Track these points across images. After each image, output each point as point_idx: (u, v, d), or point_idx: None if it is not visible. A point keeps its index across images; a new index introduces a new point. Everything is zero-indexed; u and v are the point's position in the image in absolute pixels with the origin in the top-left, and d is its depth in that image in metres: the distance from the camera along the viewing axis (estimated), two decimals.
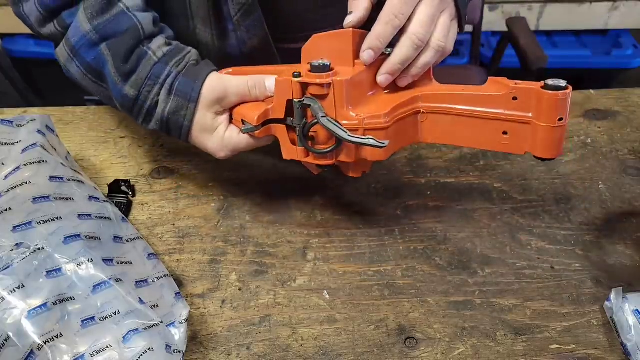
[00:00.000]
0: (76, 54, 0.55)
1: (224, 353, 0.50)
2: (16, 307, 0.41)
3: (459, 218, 0.62)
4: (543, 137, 0.47)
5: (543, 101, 0.46)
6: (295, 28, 0.73)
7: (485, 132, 0.49)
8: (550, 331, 0.51)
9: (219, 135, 0.54)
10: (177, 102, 0.54)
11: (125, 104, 0.55)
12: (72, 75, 0.58)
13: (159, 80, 0.54)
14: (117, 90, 0.55)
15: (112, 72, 0.54)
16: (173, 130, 0.55)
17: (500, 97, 0.48)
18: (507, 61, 1.44)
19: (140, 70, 0.54)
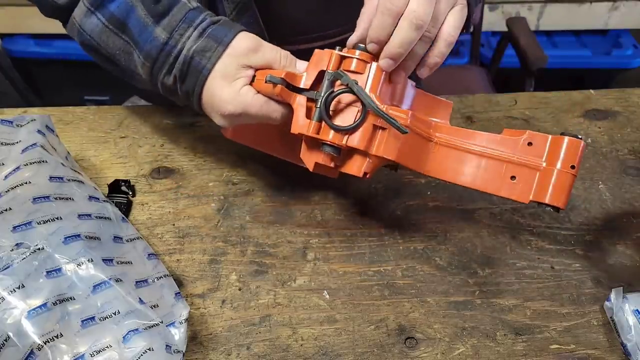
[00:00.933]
0: (99, 5, 0.54)
1: (224, 353, 0.50)
2: (16, 307, 0.41)
3: (459, 218, 0.61)
4: (553, 183, 0.47)
5: (561, 145, 0.47)
6: (291, 30, 0.74)
7: (493, 174, 0.50)
8: (550, 331, 0.51)
9: (236, 87, 0.52)
10: (207, 42, 0.52)
11: (151, 51, 0.53)
12: (88, 34, 0.56)
13: (193, 23, 0.53)
14: (145, 36, 0.53)
15: (142, 15, 0.53)
16: (190, 75, 0.53)
17: (515, 141, 0.49)
18: (507, 61, 1.43)
19: (174, 13, 0.53)
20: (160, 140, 0.70)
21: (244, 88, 0.52)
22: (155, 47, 0.53)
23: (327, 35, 0.75)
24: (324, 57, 0.50)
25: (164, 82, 0.54)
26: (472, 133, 0.51)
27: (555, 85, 0.87)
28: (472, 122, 0.74)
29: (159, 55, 0.53)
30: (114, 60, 0.57)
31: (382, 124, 0.48)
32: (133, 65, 0.56)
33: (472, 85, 1.36)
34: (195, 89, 0.53)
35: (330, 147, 0.49)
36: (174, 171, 0.66)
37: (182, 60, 0.52)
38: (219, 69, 0.52)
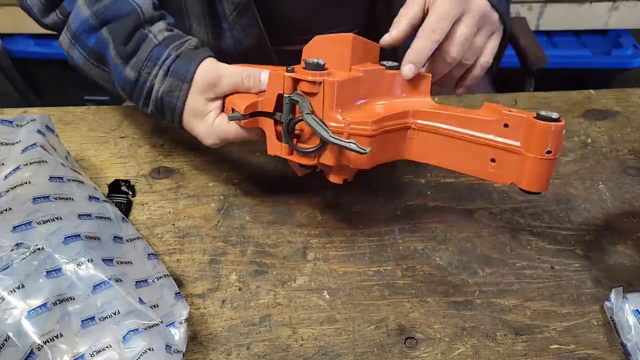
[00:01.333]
0: (77, 39, 0.56)
1: (224, 353, 0.50)
2: (16, 307, 0.41)
3: (459, 218, 0.61)
4: (530, 169, 0.46)
5: (534, 131, 0.46)
6: (291, 30, 0.74)
7: (473, 157, 0.49)
8: (550, 331, 0.51)
9: (209, 122, 0.54)
10: (171, 82, 0.54)
11: (126, 87, 0.56)
12: (75, 62, 0.59)
13: (158, 61, 0.55)
14: (117, 73, 0.56)
15: (113, 54, 0.55)
16: (167, 112, 0.56)
17: (491, 122, 0.48)
18: (507, 61, 1.42)
19: (140, 53, 0.55)
20: (160, 140, 0.70)
21: (216, 120, 0.54)
22: (128, 84, 0.56)
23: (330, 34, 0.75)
24: (278, 81, 0.50)
25: (145, 109, 0.58)
26: (450, 116, 0.50)
27: (555, 85, 0.87)
28: None
29: (133, 91, 0.56)
30: (99, 84, 0.60)
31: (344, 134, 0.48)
32: (116, 91, 0.59)
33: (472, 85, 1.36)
34: (175, 121, 0.56)
35: (304, 166, 0.51)
36: (174, 171, 0.66)
37: (154, 99, 0.56)
38: (188, 107, 0.55)
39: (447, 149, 0.50)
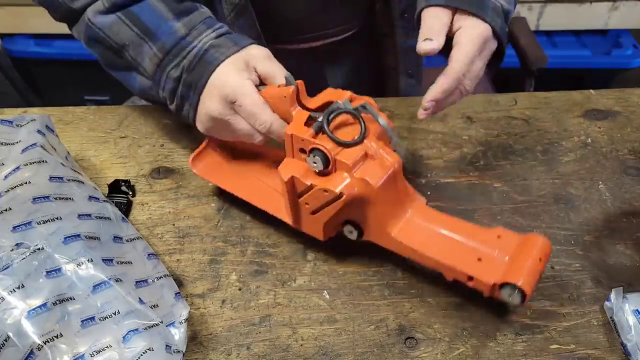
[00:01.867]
0: (119, 6, 0.56)
1: (224, 353, 0.50)
2: (16, 307, 0.41)
3: (459, 218, 0.61)
4: (518, 269, 0.46)
5: (527, 244, 0.47)
6: (288, 30, 0.74)
7: (460, 254, 0.49)
8: (550, 331, 0.51)
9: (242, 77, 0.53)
10: (224, 41, 0.54)
11: (166, 44, 0.55)
12: (96, 27, 0.58)
13: (212, 26, 0.55)
14: (163, 29, 0.55)
15: (162, 9, 0.55)
16: (201, 64, 0.53)
17: (486, 232, 0.49)
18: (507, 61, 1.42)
19: (194, 15, 0.56)
20: (161, 140, 0.70)
21: (247, 80, 0.53)
22: (172, 39, 0.55)
23: (320, 36, 0.76)
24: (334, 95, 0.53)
25: (170, 75, 0.55)
26: (446, 220, 0.51)
27: (555, 85, 0.87)
28: (472, 122, 0.74)
29: (173, 48, 0.55)
30: (120, 52, 0.58)
31: (372, 154, 0.49)
32: (140, 57, 0.57)
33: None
34: (201, 79, 0.54)
35: (319, 156, 0.48)
36: (174, 171, 0.66)
37: (196, 52, 0.54)
38: (229, 62, 0.53)
39: (434, 242, 0.50)
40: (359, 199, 0.49)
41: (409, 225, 0.52)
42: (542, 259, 0.45)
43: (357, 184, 0.49)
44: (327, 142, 0.49)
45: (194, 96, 0.55)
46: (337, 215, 0.51)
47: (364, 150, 0.49)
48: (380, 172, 0.49)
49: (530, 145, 0.70)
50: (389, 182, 0.49)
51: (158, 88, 0.57)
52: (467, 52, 0.53)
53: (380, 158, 0.49)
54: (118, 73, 0.62)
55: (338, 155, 0.49)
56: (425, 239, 0.50)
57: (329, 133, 0.49)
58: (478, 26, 0.54)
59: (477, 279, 0.46)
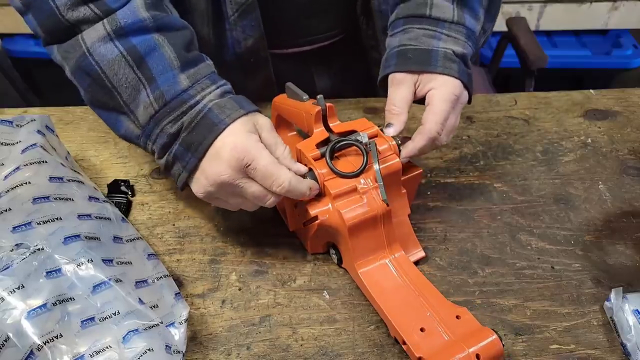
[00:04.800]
0: (122, 34, 0.51)
1: (224, 353, 0.50)
2: (16, 307, 0.41)
3: (459, 218, 0.62)
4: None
5: (478, 338, 0.45)
6: (289, 33, 0.74)
7: (411, 315, 0.48)
8: (550, 331, 0.51)
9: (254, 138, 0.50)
10: (228, 102, 0.51)
11: (165, 94, 0.50)
12: (93, 59, 0.51)
13: (216, 82, 0.52)
14: (166, 77, 0.50)
15: (171, 56, 0.51)
16: (204, 125, 0.49)
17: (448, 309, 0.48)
18: (507, 61, 1.43)
19: (200, 68, 0.52)
20: None
21: (260, 143, 0.50)
22: (174, 91, 0.50)
23: (309, 41, 0.76)
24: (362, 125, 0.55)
25: (165, 130, 0.51)
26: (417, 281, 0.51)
27: (555, 85, 0.87)
28: (472, 122, 0.74)
29: (172, 100, 0.50)
30: (113, 93, 0.52)
31: (362, 192, 0.51)
32: (134, 104, 0.52)
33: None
34: (204, 140, 0.49)
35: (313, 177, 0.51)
36: None
37: (198, 110, 0.50)
38: (239, 123, 0.50)
39: (395, 295, 0.50)
40: (334, 228, 0.52)
41: (380, 270, 0.52)
42: (480, 357, 0.44)
43: (332, 214, 0.51)
44: (324, 167, 0.52)
45: (192, 159, 0.50)
46: (318, 234, 0.54)
47: (355, 185, 0.51)
48: (360, 211, 0.50)
49: (530, 145, 0.70)
50: (366, 223, 0.51)
51: (147, 140, 0.52)
52: (440, 112, 0.55)
53: (369, 199, 0.51)
54: (102, 112, 0.55)
55: (327, 182, 0.51)
56: (385, 289, 0.51)
57: (327, 159, 0.51)
58: (447, 83, 0.57)
59: (409, 346, 0.46)
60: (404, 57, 0.58)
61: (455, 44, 0.59)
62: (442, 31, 0.59)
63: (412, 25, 0.59)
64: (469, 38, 0.60)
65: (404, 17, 0.61)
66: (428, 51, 0.57)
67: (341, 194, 0.51)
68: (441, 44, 0.58)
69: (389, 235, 0.52)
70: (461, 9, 0.60)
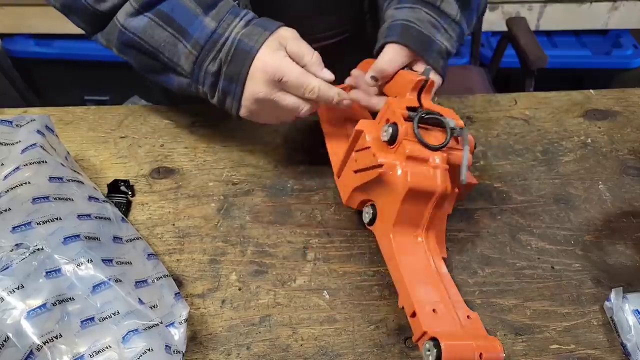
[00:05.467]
0: (148, 6, 0.56)
1: (224, 353, 0.50)
2: (15, 307, 0.41)
3: (459, 218, 0.61)
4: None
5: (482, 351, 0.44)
6: None
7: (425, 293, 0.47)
8: (550, 331, 0.51)
9: (280, 55, 0.55)
10: (253, 29, 0.56)
11: (199, 40, 0.56)
12: (130, 32, 0.57)
13: (239, 14, 0.57)
14: (194, 26, 0.56)
15: (192, 5, 0.56)
16: (237, 55, 0.55)
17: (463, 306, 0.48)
18: (507, 61, 1.44)
19: (220, 6, 0.57)
20: (161, 140, 0.70)
21: (286, 57, 0.55)
22: (205, 35, 0.55)
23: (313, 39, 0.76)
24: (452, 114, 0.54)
25: (208, 70, 0.57)
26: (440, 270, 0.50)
27: (555, 85, 0.87)
28: (472, 122, 0.74)
29: (206, 43, 0.56)
30: (156, 54, 0.58)
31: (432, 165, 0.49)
32: (177, 57, 0.57)
33: (472, 85, 1.36)
34: (242, 69, 0.55)
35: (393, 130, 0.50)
36: (174, 171, 0.66)
37: (230, 44, 0.55)
38: (265, 46, 0.55)
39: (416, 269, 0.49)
40: (390, 184, 0.50)
41: (412, 244, 0.51)
42: (483, 356, 0.42)
43: (397, 170, 0.49)
44: (408, 129, 0.50)
45: (238, 87, 0.56)
46: (366, 186, 0.53)
47: (429, 157, 0.49)
48: (423, 181, 0.49)
49: (530, 145, 0.70)
50: (422, 195, 0.49)
51: (197, 85, 0.58)
52: None
53: (435, 174, 0.49)
54: (154, 75, 0.62)
55: (405, 141, 0.50)
56: (410, 262, 0.50)
57: (415, 123, 0.50)
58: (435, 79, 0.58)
59: (418, 318, 0.45)
60: (409, 32, 0.58)
61: (448, 40, 0.60)
62: (443, 24, 0.60)
63: (422, 7, 0.60)
64: (458, 39, 0.62)
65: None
66: (430, 38, 0.59)
67: (414, 157, 0.49)
68: (439, 36, 0.59)
69: (432, 220, 0.51)
70: (462, 12, 0.61)
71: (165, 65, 0.58)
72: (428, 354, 0.42)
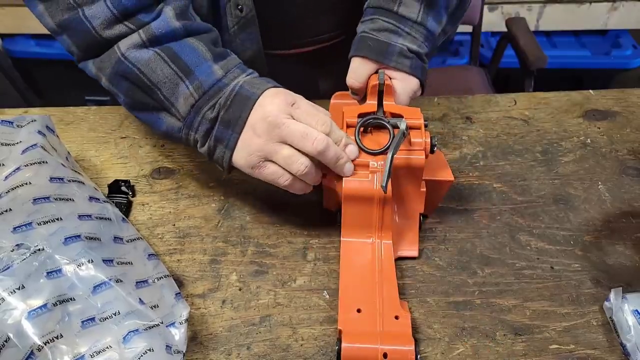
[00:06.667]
0: (158, 42, 0.55)
1: (224, 353, 0.50)
2: (16, 307, 0.41)
3: (459, 218, 0.62)
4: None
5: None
6: (282, 37, 0.75)
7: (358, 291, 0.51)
8: (550, 331, 0.51)
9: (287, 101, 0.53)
10: (258, 80, 0.55)
11: (204, 84, 0.54)
12: (129, 62, 0.55)
13: (246, 71, 0.57)
14: (202, 68, 0.54)
15: (203, 50, 0.55)
16: (238, 101, 0.53)
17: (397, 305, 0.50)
18: (506, 61, 1.44)
19: (229, 59, 0.57)
20: (161, 140, 0.70)
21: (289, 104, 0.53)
22: (211, 80, 0.54)
23: (311, 41, 0.77)
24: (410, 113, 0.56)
25: (206, 116, 0.54)
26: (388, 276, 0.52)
27: (555, 86, 0.87)
28: (472, 122, 0.74)
29: (210, 88, 0.54)
30: (153, 90, 0.55)
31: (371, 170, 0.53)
32: (175, 97, 0.54)
33: (471, 85, 1.36)
34: (242, 113, 0.53)
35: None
36: (175, 171, 0.66)
37: (231, 88, 0.54)
38: (268, 92, 0.53)
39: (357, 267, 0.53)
40: (335, 192, 0.55)
41: (359, 246, 0.55)
42: (388, 356, 0.45)
43: (337, 179, 0.54)
44: (351, 134, 0.55)
45: (233, 134, 0.53)
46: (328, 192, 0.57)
47: (368, 162, 0.53)
48: (360, 185, 0.53)
49: (529, 145, 0.71)
50: (362, 199, 0.53)
51: (189, 130, 0.55)
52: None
53: (372, 180, 0.52)
54: (142, 113, 0.58)
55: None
56: (353, 263, 0.53)
57: (356, 129, 0.55)
58: (405, 79, 0.60)
59: (339, 315, 0.49)
60: (364, 44, 0.60)
61: (412, 42, 0.61)
62: (404, 28, 0.60)
63: (380, 16, 0.61)
64: (426, 39, 0.62)
65: (374, 7, 0.62)
66: (386, 44, 0.59)
67: (355, 163, 0.53)
68: (400, 40, 0.60)
69: (384, 221, 0.54)
70: (426, 12, 0.61)
71: (160, 104, 0.55)
72: (336, 350, 0.47)
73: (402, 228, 0.57)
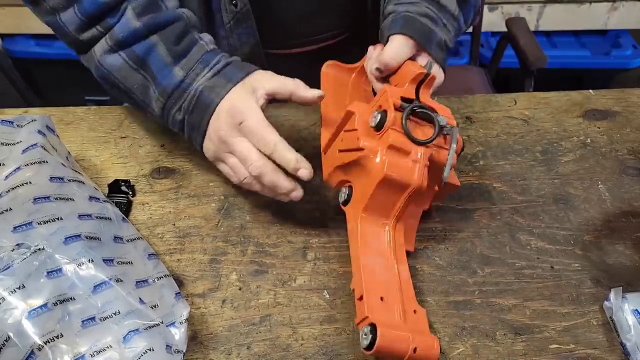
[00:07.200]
0: (122, 45, 0.57)
1: (224, 353, 0.50)
2: (16, 307, 0.41)
3: (459, 218, 0.62)
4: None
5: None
6: (282, 35, 0.74)
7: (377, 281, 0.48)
8: (550, 331, 0.51)
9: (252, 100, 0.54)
10: (217, 81, 0.55)
11: (166, 89, 0.56)
12: (105, 69, 0.58)
13: (209, 64, 0.56)
14: (164, 74, 0.56)
15: (163, 54, 0.56)
16: (199, 108, 0.55)
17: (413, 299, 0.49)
18: (506, 61, 1.44)
19: (192, 54, 0.57)
20: (161, 140, 0.70)
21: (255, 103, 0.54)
22: (172, 84, 0.56)
23: (313, 40, 0.77)
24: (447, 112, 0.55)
25: (175, 118, 0.58)
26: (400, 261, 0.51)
27: (555, 86, 0.87)
28: (472, 122, 0.74)
29: (173, 92, 0.56)
30: (130, 93, 0.59)
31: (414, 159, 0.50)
32: (148, 99, 0.58)
33: (471, 85, 1.37)
34: (202, 121, 0.56)
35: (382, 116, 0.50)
36: (175, 171, 0.66)
37: (192, 94, 0.56)
38: (228, 97, 0.55)
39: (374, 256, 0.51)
40: (367, 169, 0.50)
41: (378, 231, 0.52)
42: (417, 350, 0.44)
43: (377, 157, 0.50)
44: (397, 119, 0.50)
45: (198, 136, 0.57)
46: (347, 167, 0.54)
47: (411, 150, 0.50)
48: (399, 172, 0.49)
49: (529, 145, 0.71)
50: (396, 186, 0.50)
51: (168, 125, 0.60)
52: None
53: (413, 168, 0.50)
54: (131, 106, 0.64)
55: (391, 131, 0.50)
56: (371, 247, 0.50)
57: (405, 114, 0.50)
58: (437, 72, 0.59)
59: (364, 303, 0.46)
60: (412, 24, 0.58)
61: (446, 35, 0.60)
62: (442, 19, 0.60)
63: (422, 1, 0.60)
64: (456, 35, 0.62)
65: None
66: (430, 30, 0.58)
67: (396, 148, 0.50)
68: (438, 30, 0.59)
69: (403, 212, 0.52)
70: (461, 7, 0.61)
71: (141, 103, 0.60)
72: (364, 338, 0.44)
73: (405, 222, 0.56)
